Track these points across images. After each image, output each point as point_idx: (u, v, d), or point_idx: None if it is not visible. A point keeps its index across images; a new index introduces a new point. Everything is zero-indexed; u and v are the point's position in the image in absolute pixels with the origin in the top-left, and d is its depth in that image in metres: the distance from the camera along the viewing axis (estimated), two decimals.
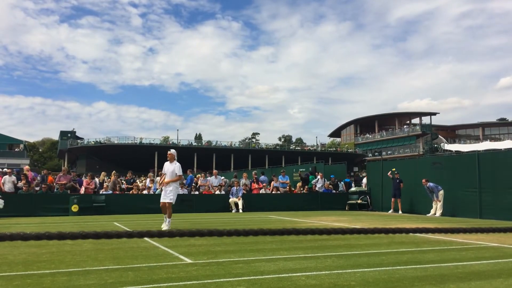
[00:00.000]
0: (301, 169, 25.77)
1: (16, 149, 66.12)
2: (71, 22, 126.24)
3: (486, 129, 79.96)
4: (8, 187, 15.52)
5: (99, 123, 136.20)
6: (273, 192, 19.58)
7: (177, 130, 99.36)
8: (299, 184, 20.77)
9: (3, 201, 14.07)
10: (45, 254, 6.38)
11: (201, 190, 18.98)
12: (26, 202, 15.27)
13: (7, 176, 15.75)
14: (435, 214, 15.29)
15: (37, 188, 16.32)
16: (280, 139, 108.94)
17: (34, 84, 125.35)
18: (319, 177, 20.29)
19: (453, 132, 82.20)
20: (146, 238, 7.04)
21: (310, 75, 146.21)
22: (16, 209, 14.66)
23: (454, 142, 71.33)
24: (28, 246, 7.03)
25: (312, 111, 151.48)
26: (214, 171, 22.47)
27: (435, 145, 68.54)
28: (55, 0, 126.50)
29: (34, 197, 15.78)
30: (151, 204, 16.83)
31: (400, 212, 16.83)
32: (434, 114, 75.71)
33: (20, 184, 16.10)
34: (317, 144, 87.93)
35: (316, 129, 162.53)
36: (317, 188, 20.09)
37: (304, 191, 20.27)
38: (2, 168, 19.32)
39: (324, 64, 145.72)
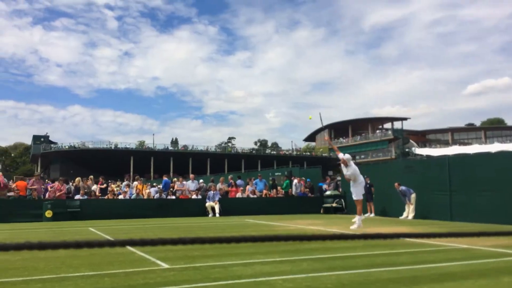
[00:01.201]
0: (277, 173, 25.95)
1: None
2: (45, 24, 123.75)
3: (455, 134, 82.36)
4: None
5: (74, 127, 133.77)
6: (250, 196, 19.65)
7: (153, 134, 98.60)
8: (279, 188, 20.95)
9: None
10: (19, 261, 6.26)
11: (177, 194, 18.88)
12: None
13: None
14: (407, 217, 15.62)
15: (10, 194, 15.92)
16: (256, 143, 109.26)
17: (6, 87, 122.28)
18: (296, 181, 20.51)
19: (423, 137, 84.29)
20: None
21: (286, 80, 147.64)
22: None
23: (425, 146, 72.99)
24: (0, 253, 6.86)
25: (287, 115, 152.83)
26: (191, 175, 22.36)
27: (407, 149, 70.02)
28: (28, 1, 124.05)
29: (6, 203, 15.40)
30: (126, 209, 16.68)
31: (372, 214, 17.14)
32: (405, 119, 77.72)
33: None
34: (292, 148, 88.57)
35: (292, 133, 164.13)
36: (293, 192, 20.30)
37: (280, 195, 20.43)
38: None
39: (299, 69, 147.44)
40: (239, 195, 19.57)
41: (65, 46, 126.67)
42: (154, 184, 23.39)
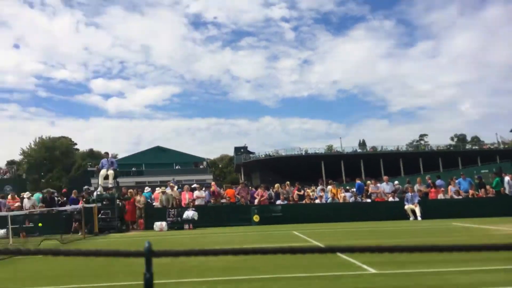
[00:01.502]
0: (483, 170, 23.27)
1: (200, 166, 74.12)
2: (232, 45, 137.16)
3: None
4: (199, 201, 17.59)
5: (267, 137, 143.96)
6: (453, 197, 18.05)
7: (340, 138, 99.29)
8: (488, 187, 18.72)
9: (197, 213, 16.01)
10: (241, 262, 7.01)
11: (372, 197, 18.59)
12: (215, 214, 17.05)
13: (197, 191, 17.90)
14: None
15: (223, 201, 18.17)
16: (452, 138, 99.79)
17: (208, 106, 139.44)
18: (508, 178, 17.99)
19: None
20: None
21: (479, 65, 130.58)
22: (208, 220, 16.36)
23: None
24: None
25: (487, 105, 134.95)
26: (385, 177, 21.78)
27: None
28: (217, 27, 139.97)
29: (221, 209, 17.60)
30: (323, 213, 17.19)
31: None
32: None
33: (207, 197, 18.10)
34: (498, 142, 78.03)
35: (496, 125, 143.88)
36: (506, 191, 17.85)
37: (490, 194, 18.20)
38: (191, 184, 21.93)
39: (495, 51, 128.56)
40: (440, 196, 18.17)
41: (251, 63, 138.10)
42: (347, 187, 23.51)
